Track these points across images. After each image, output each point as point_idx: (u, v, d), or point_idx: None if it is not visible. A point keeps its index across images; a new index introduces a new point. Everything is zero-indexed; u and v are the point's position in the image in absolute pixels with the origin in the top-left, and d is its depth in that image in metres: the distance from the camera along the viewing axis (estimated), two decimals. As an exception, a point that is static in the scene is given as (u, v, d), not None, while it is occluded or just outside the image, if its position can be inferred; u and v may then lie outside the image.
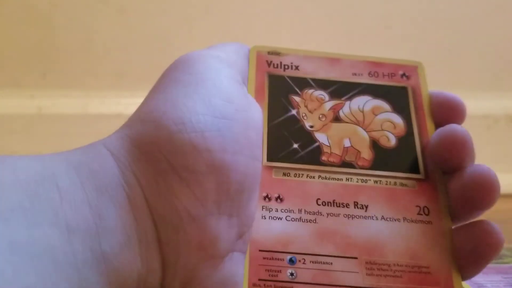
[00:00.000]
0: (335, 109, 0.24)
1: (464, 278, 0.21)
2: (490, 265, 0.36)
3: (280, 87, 0.24)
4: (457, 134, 0.21)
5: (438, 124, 0.24)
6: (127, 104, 0.59)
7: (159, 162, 0.19)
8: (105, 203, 0.17)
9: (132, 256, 0.17)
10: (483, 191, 0.20)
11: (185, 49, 0.24)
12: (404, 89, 0.25)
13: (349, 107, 0.24)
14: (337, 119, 0.24)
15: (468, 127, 0.22)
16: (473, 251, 0.20)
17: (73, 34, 0.60)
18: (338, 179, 0.22)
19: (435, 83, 0.28)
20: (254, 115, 0.22)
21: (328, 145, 0.23)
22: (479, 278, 0.33)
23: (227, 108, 0.20)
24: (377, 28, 0.61)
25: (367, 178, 0.22)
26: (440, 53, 0.61)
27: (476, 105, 0.60)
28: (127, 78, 0.60)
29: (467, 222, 0.22)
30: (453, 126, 0.22)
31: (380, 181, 0.22)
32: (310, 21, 0.61)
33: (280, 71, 0.25)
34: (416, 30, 0.61)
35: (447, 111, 0.24)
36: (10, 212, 0.15)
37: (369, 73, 0.25)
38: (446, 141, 0.22)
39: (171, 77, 0.21)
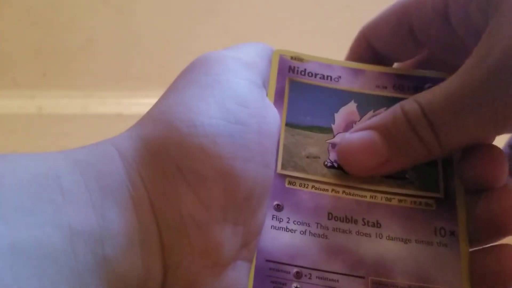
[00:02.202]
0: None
1: None
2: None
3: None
4: (495, 151, 0.21)
5: None
6: (127, 104, 0.59)
7: (167, 165, 0.18)
8: (109, 205, 0.17)
9: (133, 260, 0.17)
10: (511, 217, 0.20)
11: (185, 49, 0.24)
12: None
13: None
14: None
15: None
16: (495, 276, 0.20)
17: (73, 34, 0.60)
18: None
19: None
20: (270, 121, 0.21)
21: None
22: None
23: (241, 113, 0.19)
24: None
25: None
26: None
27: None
28: (127, 78, 0.60)
29: (489, 245, 0.21)
30: (489, 144, 0.21)
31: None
32: (312, 21, 0.61)
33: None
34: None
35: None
36: (12, 213, 0.15)
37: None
38: (481, 159, 0.21)
39: (187, 78, 0.21)
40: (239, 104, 0.19)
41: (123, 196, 0.17)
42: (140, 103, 0.55)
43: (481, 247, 0.21)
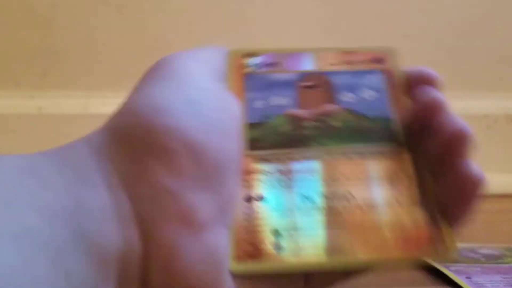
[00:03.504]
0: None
1: (453, 224, 0.21)
2: (489, 265, 0.36)
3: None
4: (426, 75, 0.24)
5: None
6: (127, 104, 0.59)
7: (134, 144, 0.20)
8: (82, 187, 0.18)
9: (110, 232, 0.18)
10: (456, 140, 0.22)
11: (185, 49, 0.24)
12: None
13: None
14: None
15: (468, 127, 0.22)
16: (457, 194, 0.22)
17: (73, 34, 0.60)
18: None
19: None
20: (230, 104, 0.23)
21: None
22: (479, 278, 0.33)
23: (200, 95, 0.21)
24: (377, 28, 0.61)
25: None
26: (440, 53, 0.61)
27: (476, 105, 0.60)
28: (127, 78, 0.60)
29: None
30: (423, 86, 0.23)
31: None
32: (310, 21, 0.61)
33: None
34: (416, 30, 0.61)
35: (421, 83, 0.25)
36: None
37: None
38: (420, 99, 0.23)
39: (148, 76, 0.23)
40: (198, 88, 0.21)
41: (95, 178, 0.19)
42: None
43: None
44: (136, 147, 0.20)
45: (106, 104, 0.60)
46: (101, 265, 0.18)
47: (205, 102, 0.21)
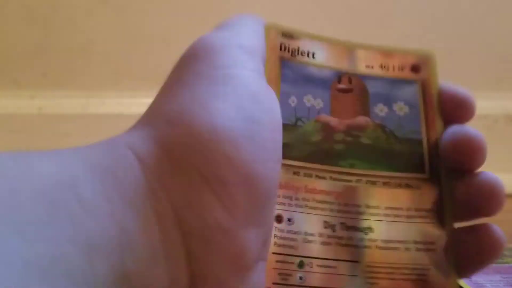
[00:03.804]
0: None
1: (462, 276, 0.21)
2: (490, 265, 0.36)
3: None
4: (474, 138, 0.21)
5: (446, 120, 0.23)
6: (127, 104, 0.59)
7: (190, 173, 0.18)
8: (130, 216, 0.16)
9: (157, 273, 0.17)
10: (490, 200, 0.21)
11: (185, 49, 0.24)
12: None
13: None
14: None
15: (467, 127, 0.22)
16: (475, 253, 0.21)
17: (73, 34, 0.60)
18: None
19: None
20: (277, 113, 0.20)
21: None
22: (479, 278, 0.33)
23: (257, 112, 0.19)
24: (376, 28, 0.61)
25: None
26: (440, 53, 0.61)
27: (476, 105, 0.60)
28: (127, 78, 0.60)
29: (470, 223, 0.22)
30: (469, 130, 0.22)
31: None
32: (310, 21, 0.61)
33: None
34: (416, 30, 0.61)
35: (457, 108, 0.23)
36: (26, 225, 0.14)
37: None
38: (461, 144, 0.21)
39: (193, 69, 0.20)
40: (253, 102, 0.19)
41: (145, 206, 0.17)
42: (140, 103, 0.55)
43: (460, 227, 0.22)
44: (192, 175, 0.17)
45: (106, 104, 0.60)
46: None
47: (261, 119, 0.19)
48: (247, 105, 0.19)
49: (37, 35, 0.60)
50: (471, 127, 0.22)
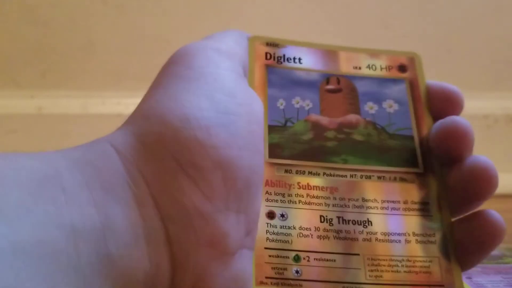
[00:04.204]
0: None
1: (465, 268, 0.21)
2: (490, 265, 0.36)
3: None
4: (459, 125, 0.22)
5: (436, 116, 0.24)
6: (127, 104, 0.59)
7: (165, 160, 0.18)
8: (111, 203, 0.17)
9: (139, 256, 0.17)
10: (483, 181, 0.21)
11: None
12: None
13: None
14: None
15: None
16: (475, 241, 0.21)
17: (73, 34, 0.60)
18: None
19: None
20: (256, 108, 0.21)
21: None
22: (479, 278, 0.33)
23: (230, 103, 0.20)
24: (375, 27, 0.61)
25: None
26: (440, 53, 0.61)
27: (476, 105, 0.60)
28: (127, 78, 0.60)
29: (467, 213, 0.22)
30: (454, 118, 0.22)
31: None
32: (310, 21, 0.61)
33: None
34: (415, 30, 0.61)
35: (445, 103, 0.24)
36: (13, 212, 0.15)
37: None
38: (448, 132, 0.22)
39: (171, 71, 0.21)
40: (226, 95, 0.20)
41: (124, 193, 0.17)
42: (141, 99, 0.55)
43: (458, 217, 0.22)
44: (168, 162, 0.18)
45: (105, 104, 0.60)
46: None
47: (236, 110, 0.20)
48: (220, 98, 0.20)
49: (37, 35, 0.60)
50: (457, 116, 0.22)
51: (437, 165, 0.23)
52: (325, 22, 0.61)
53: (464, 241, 0.21)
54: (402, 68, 0.25)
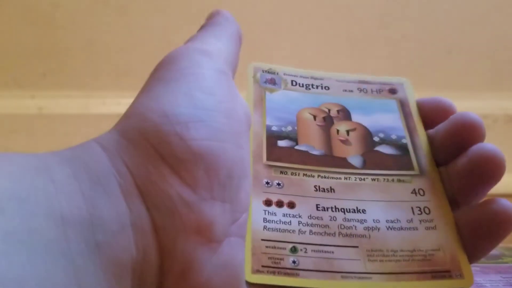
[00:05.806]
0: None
1: (475, 258, 0.21)
2: (489, 265, 0.36)
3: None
4: (470, 116, 0.23)
5: (430, 126, 0.25)
6: (127, 104, 0.59)
7: (148, 152, 0.19)
8: (98, 193, 0.18)
9: (126, 244, 0.18)
10: (491, 162, 0.21)
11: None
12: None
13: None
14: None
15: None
16: (485, 229, 0.21)
17: (74, 34, 0.60)
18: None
19: (434, 83, 0.28)
20: (238, 107, 0.22)
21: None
22: (478, 277, 0.33)
23: (208, 100, 0.21)
24: (376, 28, 0.61)
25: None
26: (440, 53, 0.61)
27: (475, 105, 0.61)
28: (127, 78, 0.61)
29: (473, 203, 0.22)
30: (464, 112, 0.23)
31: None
32: (310, 21, 0.61)
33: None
34: (415, 30, 0.61)
35: (438, 112, 0.25)
36: (6, 202, 0.15)
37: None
38: (460, 123, 0.23)
39: (155, 76, 0.22)
40: (205, 93, 0.21)
41: (110, 184, 0.18)
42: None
43: (465, 207, 0.22)
44: (149, 152, 0.19)
45: (106, 104, 0.60)
46: (116, 278, 0.17)
47: (215, 107, 0.21)
48: (198, 96, 0.21)
49: (38, 35, 0.60)
50: (466, 112, 0.23)
51: (433, 166, 0.24)
52: (325, 22, 0.61)
53: (474, 230, 0.21)
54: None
